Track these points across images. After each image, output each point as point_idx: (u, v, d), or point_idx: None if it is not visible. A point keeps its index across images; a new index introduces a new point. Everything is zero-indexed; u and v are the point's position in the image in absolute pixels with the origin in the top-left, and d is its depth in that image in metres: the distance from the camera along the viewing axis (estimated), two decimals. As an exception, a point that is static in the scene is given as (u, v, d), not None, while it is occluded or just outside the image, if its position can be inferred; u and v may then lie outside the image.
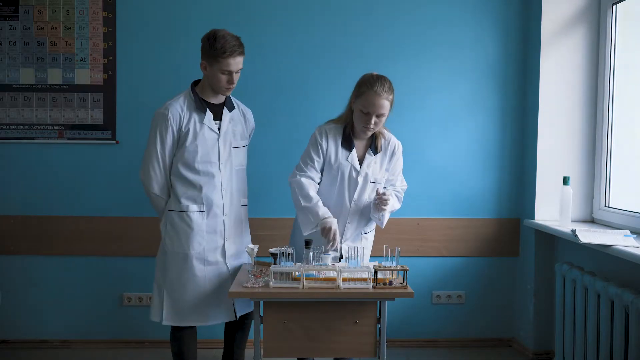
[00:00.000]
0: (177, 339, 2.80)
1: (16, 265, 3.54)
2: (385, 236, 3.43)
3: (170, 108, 2.69)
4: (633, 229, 2.94)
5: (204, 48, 2.68)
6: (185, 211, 2.73)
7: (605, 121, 3.30)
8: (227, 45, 2.61)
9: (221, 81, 2.68)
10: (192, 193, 2.73)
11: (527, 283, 3.52)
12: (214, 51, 2.62)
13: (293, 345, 2.49)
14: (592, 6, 3.34)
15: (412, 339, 3.66)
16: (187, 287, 2.73)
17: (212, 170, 2.73)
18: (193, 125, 2.70)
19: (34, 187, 3.52)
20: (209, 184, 2.73)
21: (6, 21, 3.45)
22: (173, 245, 2.75)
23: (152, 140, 2.72)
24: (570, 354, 2.95)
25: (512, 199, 3.63)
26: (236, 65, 2.66)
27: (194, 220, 2.73)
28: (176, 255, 2.74)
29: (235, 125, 2.83)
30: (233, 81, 2.70)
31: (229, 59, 2.62)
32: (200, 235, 2.74)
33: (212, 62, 2.64)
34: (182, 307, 2.74)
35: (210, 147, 2.73)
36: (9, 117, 3.49)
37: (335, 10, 3.51)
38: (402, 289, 2.46)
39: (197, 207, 2.73)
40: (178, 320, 2.75)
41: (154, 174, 2.72)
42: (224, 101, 2.81)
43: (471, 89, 3.57)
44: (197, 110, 2.72)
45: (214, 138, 2.74)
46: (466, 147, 3.59)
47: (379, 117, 2.62)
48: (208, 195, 2.73)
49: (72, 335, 3.59)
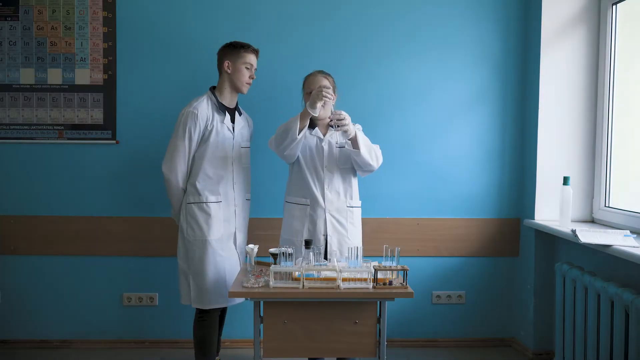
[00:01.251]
0: (202, 325, 2.99)
1: (16, 265, 3.54)
2: (385, 236, 3.43)
3: (199, 108, 2.96)
4: (633, 229, 2.95)
5: (225, 50, 3.01)
6: (205, 202, 2.97)
7: (605, 121, 3.30)
8: (247, 44, 3.01)
9: (244, 75, 3.00)
10: (210, 186, 2.98)
11: (527, 283, 3.52)
12: (237, 48, 2.98)
13: (293, 345, 2.49)
14: (592, 6, 3.34)
15: (412, 339, 3.66)
16: (208, 272, 2.96)
17: (227, 166, 3.02)
18: (216, 124, 2.98)
19: (34, 187, 3.52)
20: (224, 177, 3.01)
21: (6, 21, 3.45)
22: (195, 234, 2.97)
23: (180, 136, 2.95)
24: (570, 354, 2.95)
25: (512, 199, 3.63)
26: (255, 61, 3.03)
27: (213, 209, 2.98)
28: (198, 243, 2.97)
29: (243, 128, 3.13)
30: (253, 76, 3.04)
31: (251, 53, 3.00)
32: (218, 223, 2.99)
33: (236, 58, 2.98)
34: (206, 290, 2.95)
35: (228, 146, 3.02)
36: (9, 117, 3.49)
37: (335, 10, 3.51)
38: (402, 289, 2.46)
39: (214, 197, 2.99)
40: (205, 303, 2.96)
41: (179, 167, 2.96)
42: (235, 106, 3.10)
43: (471, 89, 3.57)
44: (219, 111, 3.01)
45: (230, 137, 3.03)
46: (466, 147, 3.59)
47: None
48: (223, 187, 3.01)
49: (72, 335, 3.59)
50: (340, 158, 2.98)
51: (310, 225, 2.94)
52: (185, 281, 3.01)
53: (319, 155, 2.98)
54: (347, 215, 2.97)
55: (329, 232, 2.92)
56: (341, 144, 2.96)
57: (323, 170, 2.97)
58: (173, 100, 3.45)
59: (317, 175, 2.97)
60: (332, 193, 2.96)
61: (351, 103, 3.47)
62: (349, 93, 3.48)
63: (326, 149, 2.98)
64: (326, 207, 2.94)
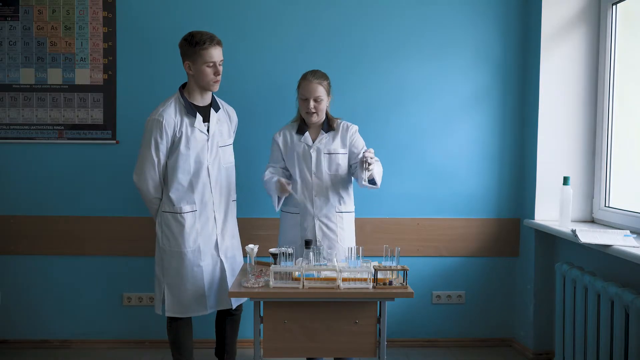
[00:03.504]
0: (173, 328, 2.95)
1: (16, 265, 3.54)
2: (385, 236, 3.43)
3: (165, 115, 2.81)
4: (633, 229, 2.95)
5: (183, 48, 2.82)
6: (179, 212, 2.86)
7: (605, 121, 3.30)
8: (205, 37, 2.77)
9: (208, 75, 2.80)
10: (184, 194, 2.86)
11: (527, 283, 3.52)
12: (194, 46, 2.76)
13: (293, 345, 2.49)
14: (592, 6, 3.34)
15: (412, 339, 3.66)
16: (185, 282, 2.87)
17: (202, 170, 2.87)
18: (185, 129, 2.83)
19: (34, 187, 3.52)
20: (199, 183, 2.87)
21: (6, 21, 3.45)
22: (170, 244, 2.88)
23: (146, 145, 2.83)
24: (570, 354, 2.95)
25: (512, 199, 3.63)
26: (218, 55, 2.81)
27: (187, 220, 2.86)
28: (173, 253, 2.88)
29: (221, 125, 2.97)
30: (219, 72, 2.83)
31: (209, 49, 2.77)
32: (194, 234, 2.88)
33: (195, 57, 2.78)
34: (182, 299, 2.88)
35: (200, 149, 2.86)
36: (9, 117, 3.48)
37: (335, 10, 3.50)
38: (402, 289, 2.46)
39: (189, 207, 2.87)
40: (180, 312, 2.89)
41: (149, 177, 2.84)
42: (210, 103, 2.94)
43: (471, 89, 3.57)
44: (188, 114, 2.84)
45: (204, 139, 2.87)
46: (466, 147, 3.59)
47: (317, 102, 2.89)
48: (199, 194, 2.88)
49: (72, 335, 3.59)
50: (330, 165, 2.96)
51: (302, 233, 2.95)
52: (159, 289, 2.93)
53: (307, 162, 2.95)
54: (337, 220, 2.96)
55: (318, 237, 2.93)
56: (361, 179, 2.81)
57: (311, 177, 2.94)
58: (173, 100, 3.45)
59: (305, 182, 2.95)
60: (320, 199, 2.94)
61: (350, 103, 3.47)
62: (348, 93, 3.48)
63: (314, 157, 2.95)
64: (315, 213, 2.94)
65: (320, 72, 2.96)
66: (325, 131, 2.97)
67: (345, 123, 3.03)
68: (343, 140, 2.99)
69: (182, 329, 2.95)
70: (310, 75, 2.92)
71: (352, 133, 3.00)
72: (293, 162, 2.97)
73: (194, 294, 2.87)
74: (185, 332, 2.96)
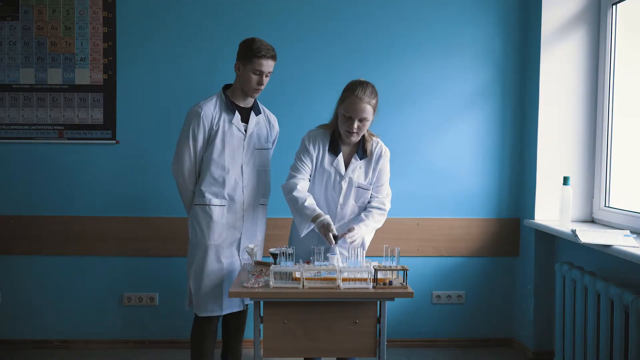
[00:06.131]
0: (195, 331, 2.93)
1: (16, 265, 3.54)
2: (385, 236, 3.43)
3: (204, 107, 2.85)
4: (633, 229, 2.95)
5: (241, 50, 2.86)
6: (208, 204, 2.88)
7: (605, 121, 3.30)
8: (263, 47, 2.80)
9: (252, 81, 2.84)
10: (215, 188, 2.88)
11: (527, 283, 3.51)
12: (250, 52, 2.80)
13: (293, 345, 2.49)
14: (592, 6, 3.34)
15: (412, 339, 3.66)
16: (205, 278, 2.88)
17: (236, 168, 2.90)
18: (223, 124, 2.87)
19: (34, 187, 3.51)
20: (231, 180, 2.89)
21: (6, 21, 3.45)
22: (197, 236, 2.90)
23: (184, 136, 2.87)
24: (570, 354, 2.95)
25: (512, 199, 3.63)
26: (267, 67, 2.84)
27: (215, 212, 2.88)
28: (199, 246, 2.90)
29: (260, 128, 2.99)
30: (262, 82, 2.86)
31: (262, 59, 2.80)
32: (220, 228, 2.88)
33: (247, 62, 2.82)
34: (202, 296, 2.89)
35: (236, 147, 2.89)
36: (9, 117, 3.48)
37: (335, 10, 3.51)
38: (402, 289, 2.46)
39: (219, 201, 2.89)
40: (199, 310, 2.89)
41: (185, 167, 2.88)
42: (252, 105, 2.97)
43: (471, 89, 3.57)
44: (227, 111, 2.89)
45: (241, 138, 2.91)
46: (466, 147, 3.59)
47: (362, 122, 2.67)
48: (230, 190, 2.89)
49: (72, 335, 3.59)
50: (357, 198, 2.80)
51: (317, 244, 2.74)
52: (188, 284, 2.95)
53: (335, 191, 2.78)
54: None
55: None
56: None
57: (337, 208, 2.80)
58: (173, 100, 3.45)
59: (329, 211, 2.79)
60: (341, 226, 2.80)
61: (351, 103, 3.47)
62: (349, 93, 3.48)
63: (344, 188, 2.78)
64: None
65: (371, 87, 2.68)
66: (360, 157, 2.78)
67: (380, 148, 2.81)
68: (374, 171, 2.81)
69: (205, 333, 2.91)
70: (360, 91, 2.62)
71: (382, 163, 2.81)
72: (321, 186, 2.80)
73: (211, 292, 2.87)
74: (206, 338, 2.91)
